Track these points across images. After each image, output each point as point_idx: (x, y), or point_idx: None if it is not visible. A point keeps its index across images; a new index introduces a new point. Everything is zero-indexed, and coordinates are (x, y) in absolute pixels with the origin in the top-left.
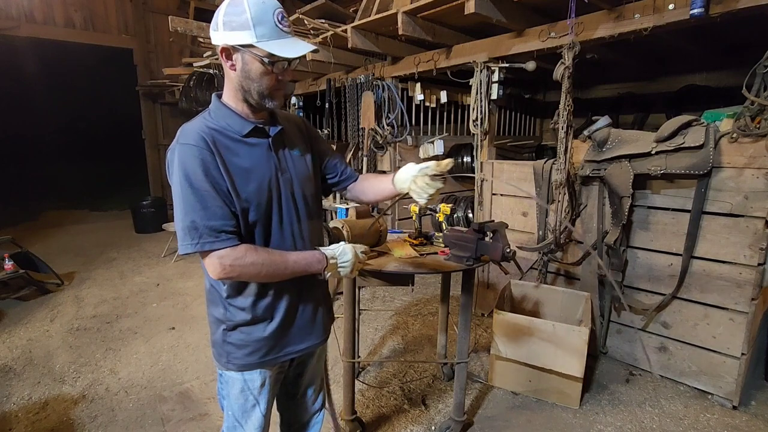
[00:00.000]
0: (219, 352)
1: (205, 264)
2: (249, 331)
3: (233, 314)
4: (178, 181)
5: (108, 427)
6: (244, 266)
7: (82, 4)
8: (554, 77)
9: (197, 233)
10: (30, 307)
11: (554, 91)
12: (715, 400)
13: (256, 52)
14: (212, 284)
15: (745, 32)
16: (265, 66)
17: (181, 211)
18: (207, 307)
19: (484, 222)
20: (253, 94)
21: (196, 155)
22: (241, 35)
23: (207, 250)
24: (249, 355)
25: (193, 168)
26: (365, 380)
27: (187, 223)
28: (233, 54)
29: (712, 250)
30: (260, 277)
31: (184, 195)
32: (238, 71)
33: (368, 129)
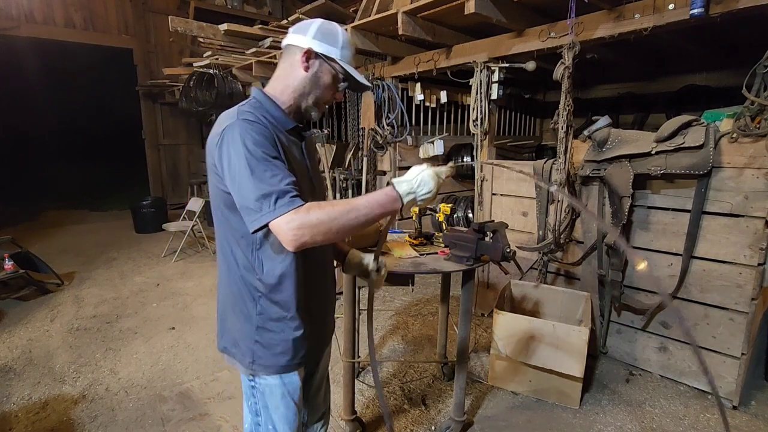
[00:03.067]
0: (244, 352)
1: (277, 233)
2: (282, 326)
3: (266, 307)
4: (243, 153)
5: (108, 427)
6: (313, 225)
7: (82, 4)
8: (554, 77)
9: (272, 199)
10: (30, 307)
11: (554, 91)
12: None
13: (336, 66)
14: (241, 279)
15: (745, 32)
16: (335, 81)
17: (251, 183)
18: (229, 304)
19: (484, 222)
20: (309, 99)
21: (260, 130)
22: (329, 49)
23: (283, 213)
24: (286, 355)
25: (260, 139)
26: (365, 380)
27: (262, 192)
28: (313, 58)
29: (712, 250)
30: (332, 233)
31: (252, 166)
32: (310, 74)
33: (368, 129)
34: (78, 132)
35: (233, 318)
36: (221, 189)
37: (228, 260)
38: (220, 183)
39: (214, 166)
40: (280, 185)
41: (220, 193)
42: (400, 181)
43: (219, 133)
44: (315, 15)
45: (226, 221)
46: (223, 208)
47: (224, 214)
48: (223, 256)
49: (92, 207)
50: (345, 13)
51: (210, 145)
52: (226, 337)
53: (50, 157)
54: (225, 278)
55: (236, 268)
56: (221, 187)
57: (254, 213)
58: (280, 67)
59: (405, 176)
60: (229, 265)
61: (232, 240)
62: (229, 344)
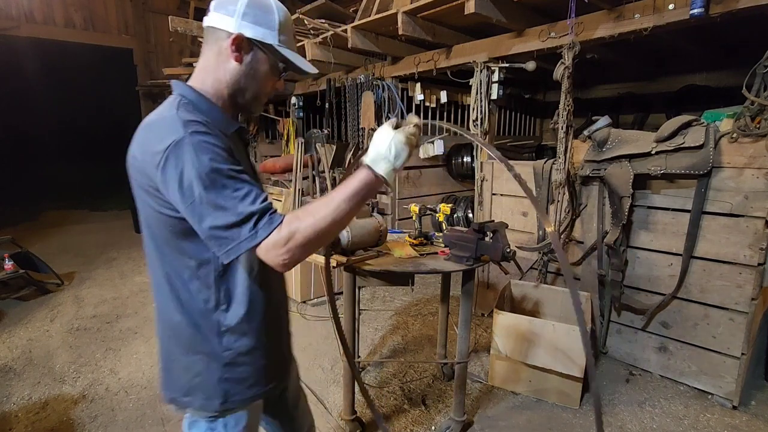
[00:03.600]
0: (210, 395)
1: (266, 259)
2: (255, 357)
3: (233, 341)
4: (204, 174)
5: (108, 427)
6: (300, 241)
7: (82, 4)
8: (554, 77)
9: (250, 223)
10: (30, 307)
11: (554, 91)
12: (715, 400)
13: (274, 54)
14: (200, 315)
15: (745, 32)
16: (274, 71)
17: (220, 208)
18: (181, 347)
19: (484, 222)
20: (246, 94)
21: (213, 141)
22: (264, 33)
23: (266, 236)
24: (259, 384)
25: (221, 153)
26: (365, 380)
27: (237, 217)
28: (246, 47)
29: (712, 250)
30: (322, 241)
31: (219, 188)
32: (243, 66)
33: (368, 129)
34: (78, 132)
35: (188, 362)
36: (167, 215)
37: (178, 296)
38: (164, 207)
39: (155, 190)
40: (256, 205)
41: (165, 219)
42: (376, 161)
43: (160, 151)
44: (315, 15)
45: (174, 251)
46: (169, 236)
47: (172, 243)
48: (169, 293)
49: (92, 207)
50: (345, 13)
51: (144, 163)
52: (173, 387)
53: (50, 157)
54: (172, 318)
55: (191, 303)
56: (166, 212)
57: (229, 241)
58: (205, 56)
59: (378, 151)
60: (181, 302)
61: (185, 272)
62: (179, 394)
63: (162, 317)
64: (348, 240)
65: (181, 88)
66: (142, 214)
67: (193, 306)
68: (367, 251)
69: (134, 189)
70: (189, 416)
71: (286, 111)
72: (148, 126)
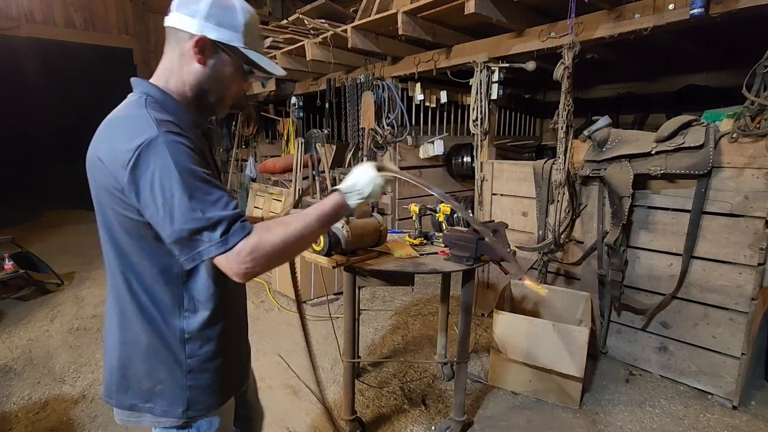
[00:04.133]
0: (172, 402)
1: (225, 267)
2: (218, 363)
3: (196, 348)
4: (177, 176)
5: (108, 427)
6: (268, 254)
7: (82, 4)
8: (554, 77)
9: (220, 228)
10: (30, 307)
11: (554, 91)
12: (715, 400)
13: (239, 56)
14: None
15: (745, 32)
16: (239, 73)
17: (190, 212)
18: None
19: (484, 222)
20: (210, 96)
21: (187, 144)
22: (228, 35)
23: (235, 243)
24: (225, 388)
25: (194, 156)
26: (365, 380)
27: (207, 221)
28: (210, 49)
29: (712, 250)
30: (287, 257)
31: (191, 191)
32: (207, 68)
33: (368, 129)
34: (78, 132)
35: (149, 369)
36: (130, 218)
37: (140, 303)
38: (127, 210)
39: (119, 191)
40: (228, 210)
41: (128, 222)
42: (351, 192)
43: (130, 150)
44: (315, 15)
45: (137, 256)
46: (132, 240)
47: (134, 248)
48: (129, 299)
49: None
50: (345, 13)
51: (111, 161)
52: (132, 394)
53: (50, 157)
54: (131, 326)
55: (153, 309)
56: (130, 215)
57: (196, 246)
58: (167, 56)
59: (356, 184)
60: (142, 309)
61: (147, 277)
62: (139, 401)
63: (120, 322)
64: (348, 240)
65: (145, 87)
66: (101, 218)
67: (156, 312)
68: (367, 251)
69: (94, 190)
70: (157, 428)
71: (286, 111)
72: (114, 123)
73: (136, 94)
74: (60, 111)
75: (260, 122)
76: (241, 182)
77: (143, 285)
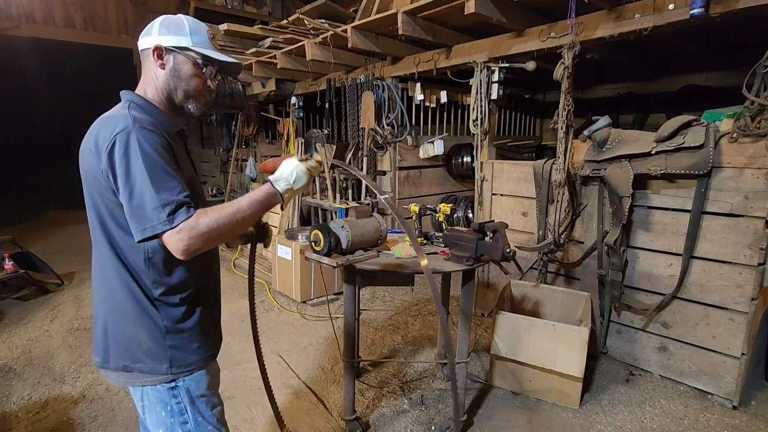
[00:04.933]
0: (158, 360)
1: (168, 244)
2: (188, 325)
3: (169, 312)
4: (142, 159)
5: (108, 427)
6: (203, 233)
7: (82, 4)
8: (554, 77)
9: (168, 209)
10: (30, 307)
11: (554, 91)
12: (715, 400)
13: (191, 54)
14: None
15: (745, 32)
16: (196, 67)
17: (150, 191)
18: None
19: (484, 222)
20: (179, 93)
21: (158, 139)
22: (178, 38)
23: (178, 224)
24: (197, 351)
25: (159, 149)
26: (365, 380)
27: (161, 202)
28: (165, 54)
29: (712, 250)
30: (222, 238)
31: (152, 174)
32: (167, 70)
33: (368, 129)
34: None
35: (134, 332)
36: (110, 198)
37: (119, 272)
38: (107, 191)
39: (102, 173)
40: (179, 196)
41: (110, 202)
42: (278, 180)
43: (108, 137)
44: (315, 15)
45: (117, 231)
46: (111, 218)
47: (114, 224)
48: (110, 270)
49: None
50: (345, 13)
51: (96, 149)
52: (123, 355)
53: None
54: (114, 294)
55: (130, 279)
56: (109, 195)
57: (146, 221)
58: (143, 73)
59: (282, 173)
60: (121, 278)
61: (125, 249)
62: (129, 361)
63: (105, 293)
64: (348, 240)
65: (130, 95)
66: (90, 200)
67: (133, 282)
68: (367, 251)
69: (85, 179)
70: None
71: (286, 111)
72: (101, 121)
73: (122, 102)
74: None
75: (260, 122)
76: (241, 182)
77: (122, 257)
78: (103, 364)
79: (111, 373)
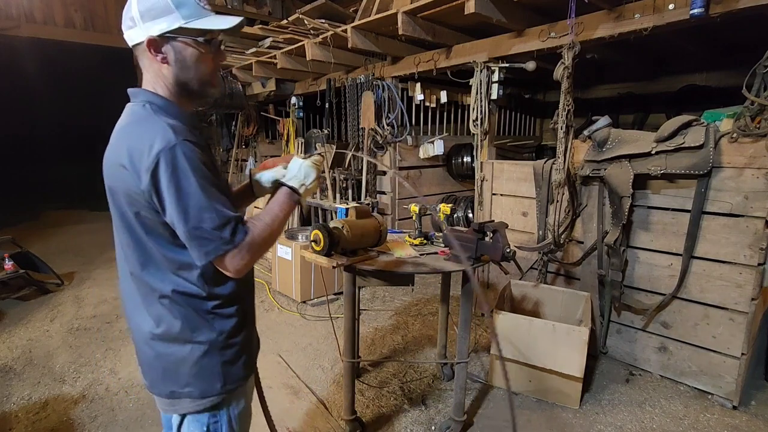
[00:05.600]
0: (212, 380)
1: (228, 263)
2: (240, 338)
3: (223, 324)
4: (194, 179)
5: (108, 427)
6: (259, 248)
7: (82, 4)
8: (554, 77)
9: (229, 228)
10: (30, 307)
11: (554, 91)
12: (715, 400)
13: (188, 33)
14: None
15: (745, 32)
16: (200, 48)
17: (207, 211)
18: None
19: (484, 222)
20: (193, 84)
21: (198, 149)
22: (166, 20)
23: (239, 243)
24: (249, 361)
25: (206, 161)
26: (365, 380)
27: (220, 221)
28: (162, 45)
29: (712, 250)
30: (267, 249)
31: (205, 191)
32: (172, 63)
33: (368, 129)
34: (78, 132)
35: (184, 354)
36: (150, 218)
37: (167, 296)
38: (147, 211)
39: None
40: (233, 212)
41: (150, 222)
42: (290, 179)
43: (148, 153)
44: (315, 15)
45: (161, 251)
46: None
47: (157, 244)
48: (156, 294)
49: (92, 207)
50: (345, 13)
51: (133, 167)
52: (170, 381)
53: (50, 157)
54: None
55: (181, 299)
56: (149, 215)
57: (208, 243)
58: (144, 69)
59: (291, 173)
60: (169, 300)
61: (172, 271)
62: (177, 386)
63: (150, 320)
64: (348, 240)
65: (146, 96)
66: (122, 221)
67: (184, 301)
68: (367, 251)
69: (115, 195)
70: (181, 415)
71: (286, 111)
72: (131, 132)
73: (139, 103)
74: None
75: (260, 122)
76: (240, 182)
77: (169, 277)
78: (151, 389)
79: (156, 398)
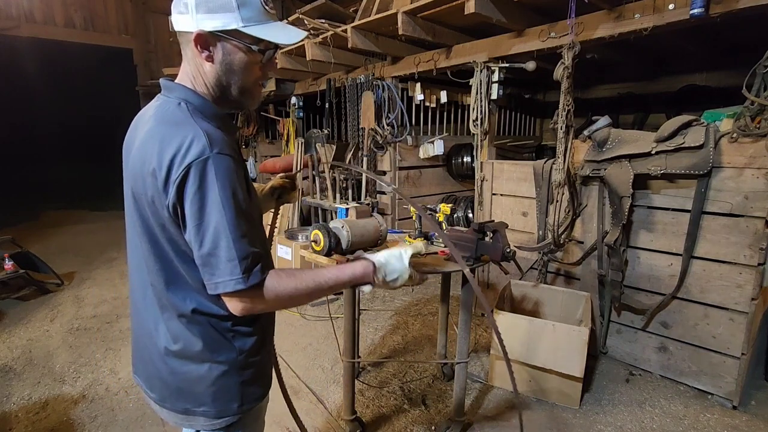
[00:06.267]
0: (230, 399)
1: (230, 302)
2: (259, 357)
3: (243, 343)
4: (220, 199)
5: (108, 427)
6: (270, 303)
7: (82, 4)
8: (554, 77)
9: (245, 264)
10: (30, 307)
11: (554, 91)
12: (715, 400)
13: (243, 38)
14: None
15: (745, 32)
16: (251, 56)
17: (228, 239)
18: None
19: (484, 222)
20: (232, 89)
21: (233, 165)
22: (223, 18)
23: (252, 284)
24: (267, 379)
25: (239, 180)
26: (365, 380)
27: (238, 252)
28: (211, 43)
29: (712, 250)
30: (291, 304)
31: (230, 216)
32: (217, 63)
33: (368, 129)
34: (78, 132)
35: (202, 372)
36: (173, 231)
37: (186, 313)
38: (171, 225)
39: (167, 207)
40: (254, 247)
41: (174, 235)
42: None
43: (178, 163)
44: (315, 15)
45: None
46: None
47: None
48: (175, 310)
49: (92, 207)
50: (345, 13)
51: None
52: (185, 399)
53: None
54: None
55: (202, 317)
56: (173, 229)
57: (219, 275)
58: (185, 59)
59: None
60: (191, 318)
61: (194, 286)
62: (193, 405)
63: (168, 335)
64: (348, 240)
65: (183, 92)
66: (144, 227)
67: (204, 319)
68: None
69: (135, 198)
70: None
71: (286, 111)
72: (164, 136)
73: (173, 100)
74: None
75: (260, 122)
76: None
77: (191, 295)
78: (162, 403)
79: (166, 411)
